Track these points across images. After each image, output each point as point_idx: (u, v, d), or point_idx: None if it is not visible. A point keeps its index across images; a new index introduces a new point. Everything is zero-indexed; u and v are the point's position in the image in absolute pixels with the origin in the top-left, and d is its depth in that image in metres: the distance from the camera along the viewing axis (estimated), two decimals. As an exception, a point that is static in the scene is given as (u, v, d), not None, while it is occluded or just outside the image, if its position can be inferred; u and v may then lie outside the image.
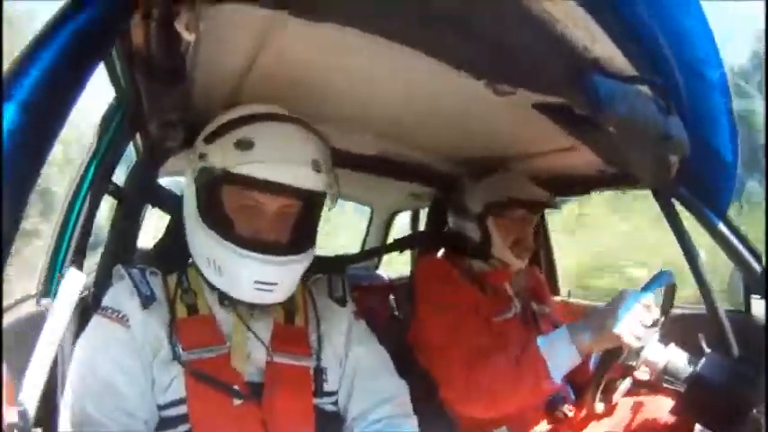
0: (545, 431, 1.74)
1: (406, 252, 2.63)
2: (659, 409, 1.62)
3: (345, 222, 8.56)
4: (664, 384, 1.55)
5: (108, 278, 1.33)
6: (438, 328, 1.68)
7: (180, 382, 1.16)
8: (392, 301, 2.40)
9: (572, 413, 1.76)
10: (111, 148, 1.45)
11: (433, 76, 1.16)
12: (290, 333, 1.31)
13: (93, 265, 1.58)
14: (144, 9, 0.86)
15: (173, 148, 1.57)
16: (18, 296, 1.28)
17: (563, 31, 0.97)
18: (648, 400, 1.68)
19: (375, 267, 3.63)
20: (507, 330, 1.77)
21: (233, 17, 1.00)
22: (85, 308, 1.35)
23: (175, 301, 1.25)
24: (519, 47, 0.97)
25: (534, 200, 1.88)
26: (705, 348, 1.56)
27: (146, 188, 1.62)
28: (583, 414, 1.74)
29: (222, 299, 1.27)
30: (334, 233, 7.87)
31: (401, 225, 3.75)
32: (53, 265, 1.37)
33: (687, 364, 1.53)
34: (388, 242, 3.33)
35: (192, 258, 1.28)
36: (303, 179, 1.18)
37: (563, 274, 2.70)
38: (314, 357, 1.29)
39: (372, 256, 3.46)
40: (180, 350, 1.18)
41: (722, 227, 1.51)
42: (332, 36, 0.99)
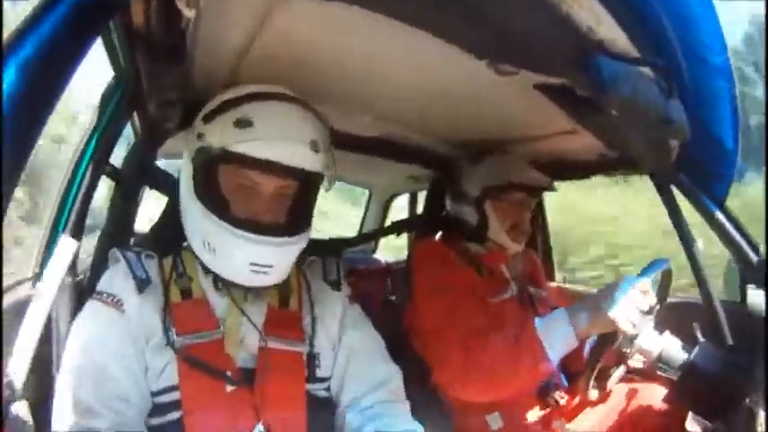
0: (538, 418, 1.74)
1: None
2: (653, 397, 1.63)
3: (326, 208, 8.49)
4: (657, 372, 1.56)
5: (104, 261, 1.33)
6: (434, 311, 1.68)
7: (173, 367, 1.16)
8: (389, 285, 2.40)
9: (564, 400, 1.77)
10: (110, 128, 1.44)
11: (434, 57, 1.16)
12: (283, 317, 1.30)
13: (91, 248, 1.57)
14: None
15: (171, 128, 1.56)
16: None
17: (567, 11, 0.96)
18: (642, 387, 1.69)
19: (372, 251, 3.63)
20: (504, 311, 1.77)
21: None
22: (82, 291, 1.34)
23: (170, 284, 1.25)
24: (523, 27, 0.96)
25: (533, 184, 1.88)
26: (699, 337, 1.57)
27: (144, 170, 1.61)
28: (576, 401, 1.76)
29: (216, 282, 1.26)
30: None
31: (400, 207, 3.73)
32: (49, 248, 1.36)
33: (681, 352, 1.54)
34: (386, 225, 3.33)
35: (188, 240, 1.28)
36: (301, 158, 1.18)
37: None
38: (307, 343, 1.29)
39: (370, 239, 3.46)
40: (173, 335, 1.18)
41: (719, 215, 1.51)
42: (335, 15, 0.99)
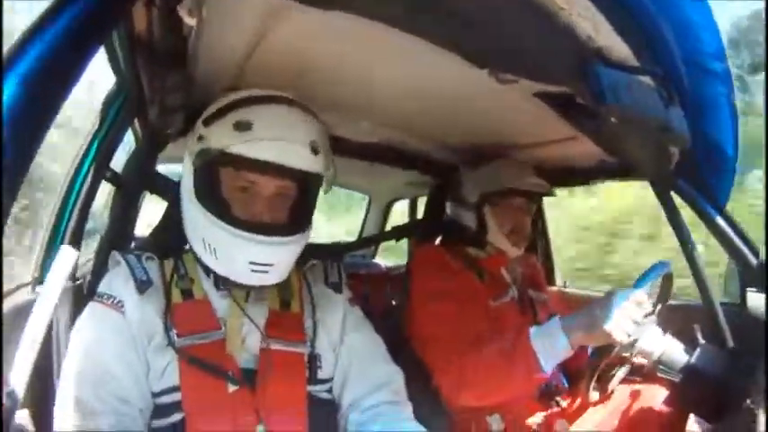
0: (539, 420, 1.75)
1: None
2: (654, 398, 1.63)
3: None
4: (658, 374, 1.57)
5: (105, 265, 1.33)
6: (431, 317, 1.68)
7: (174, 368, 1.16)
8: (388, 289, 2.40)
9: (566, 403, 1.77)
10: (110, 134, 1.44)
11: (435, 65, 1.16)
12: (284, 319, 1.30)
13: (91, 252, 1.57)
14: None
15: (172, 134, 1.56)
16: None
17: (567, 20, 0.97)
18: (644, 388, 1.69)
19: (372, 256, 3.64)
20: (504, 315, 1.78)
21: (235, 2, 1.00)
22: (82, 295, 1.34)
23: (171, 286, 1.25)
24: (523, 36, 0.97)
25: (531, 190, 1.88)
26: (700, 339, 1.57)
27: (144, 175, 1.61)
28: (577, 403, 1.76)
29: (218, 283, 1.27)
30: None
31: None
32: (49, 252, 1.37)
33: (682, 354, 1.54)
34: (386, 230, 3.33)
35: (189, 242, 1.28)
36: (300, 160, 1.18)
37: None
38: (308, 344, 1.29)
39: (370, 244, 3.48)
40: (174, 336, 1.18)
41: (720, 220, 1.51)
42: (335, 23, 0.99)
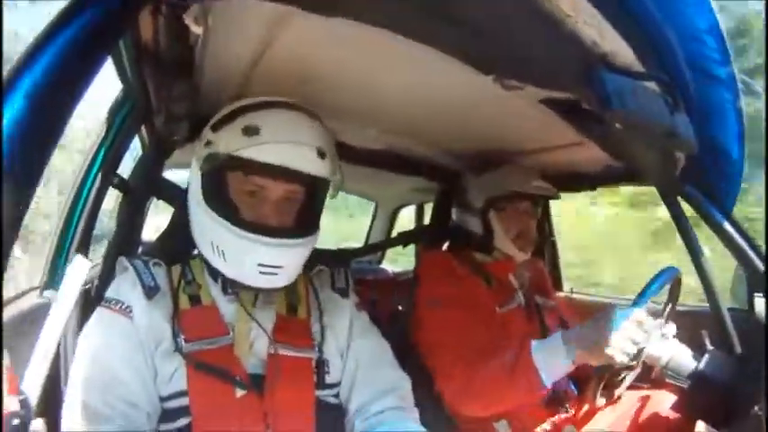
0: (547, 427, 1.74)
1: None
2: (662, 404, 1.62)
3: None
4: (666, 380, 1.56)
5: (112, 270, 1.33)
6: (436, 323, 1.68)
7: (182, 373, 1.16)
8: (395, 295, 2.40)
9: (572, 411, 1.77)
10: (117, 140, 1.45)
11: (440, 72, 1.17)
12: (292, 325, 1.30)
13: (98, 258, 1.58)
14: (153, 2, 0.86)
15: (179, 141, 1.57)
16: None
17: (572, 27, 0.97)
18: (652, 394, 1.68)
19: (379, 261, 3.64)
20: (510, 321, 1.78)
21: (241, 11, 1.00)
22: (89, 300, 1.35)
23: (179, 291, 1.26)
24: (528, 43, 0.97)
25: (536, 193, 1.88)
26: (708, 345, 1.56)
27: (151, 181, 1.62)
28: (585, 409, 1.75)
29: (226, 287, 1.27)
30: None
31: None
32: (57, 258, 1.38)
33: (689, 360, 1.53)
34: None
35: (197, 246, 1.28)
36: (307, 164, 1.19)
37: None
38: (316, 349, 1.29)
39: (376, 249, 3.48)
40: (182, 341, 1.18)
41: (727, 225, 1.51)
42: (340, 30, 0.99)
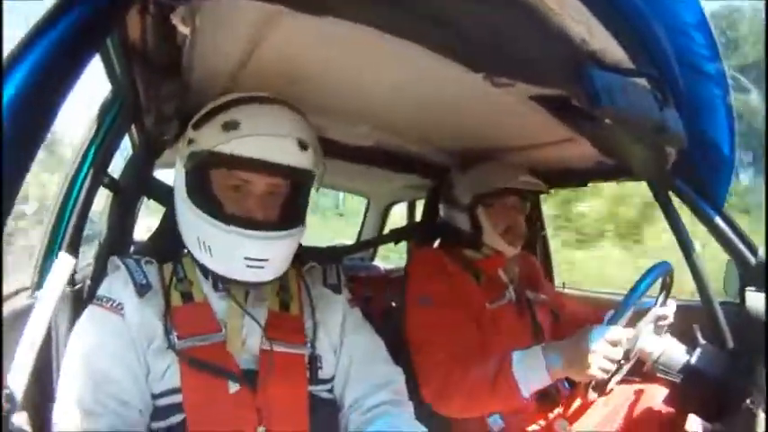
0: (540, 420, 1.75)
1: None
2: (654, 398, 1.63)
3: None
4: (658, 374, 1.57)
5: (104, 270, 1.33)
6: (424, 322, 1.69)
7: (175, 370, 1.16)
8: (388, 291, 2.40)
9: (561, 409, 1.78)
10: (107, 140, 1.44)
11: (429, 69, 1.16)
12: (284, 321, 1.31)
13: (89, 257, 1.57)
14: (140, 2, 0.85)
15: (169, 140, 1.57)
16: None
17: (561, 24, 0.97)
18: (644, 388, 1.69)
19: (371, 258, 3.64)
20: (501, 317, 1.78)
21: (229, 11, 1.00)
22: (81, 300, 1.35)
23: (170, 289, 1.26)
24: (517, 40, 0.97)
25: (523, 188, 1.87)
26: (700, 340, 1.57)
27: (141, 180, 1.62)
28: (577, 404, 1.76)
29: (217, 284, 1.27)
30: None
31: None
32: (48, 258, 1.37)
33: (681, 355, 1.54)
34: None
35: (185, 244, 1.28)
36: (288, 156, 1.19)
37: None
38: (309, 345, 1.29)
39: (368, 246, 3.48)
40: (174, 338, 1.18)
41: (718, 219, 1.51)
42: (328, 29, 0.99)
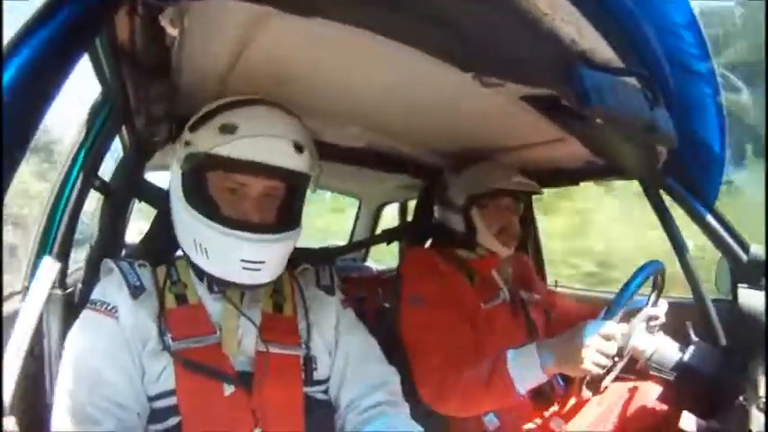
0: (535, 418, 1.75)
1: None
2: (648, 396, 1.64)
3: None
4: (651, 372, 1.57)
5: (96, 273, 1.32)
6: (418, 323, 1.69)
7: (170, 372, 1.16)
8: (380, 292, 2.40)
9: (556, 407, 1.78)
10: (98, 142, 1.44)
11: (419, 70, 1.16)
12: (279, 322, 1.31)
13: (81, 261, 1.57)
14: (129, 3, 0.85)
15: (159, 142, 1.56)
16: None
17: (550, 24, 0.97)
18: (638, 386, 1.70)
19: (363, 259, 3.64)
20: (495, 317, 1.79)
21: (218, 12, 0.99)
22: (72, 304, 1.34)
23: (164, 291, 1.26)
24: (506, 40, 0.97)
25: (516, 189, 1.88)
26: (692, 337, 1.58)
27: (133, 183, 1.61)
28: (572, 402, 1.76)
29: (212, 286, 1.27)
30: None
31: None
32: (38, 262, 1.36)
33: (674, 352, 1.55)
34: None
35: (180, 246, 1.28)
36: (284, 159, 1.19)
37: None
38: (303, 346, 1.30)
39: (360, 247, 3.48)
40: (169, 340, 1.18)
41: (710, 218, 1.52)
42: (317, 30, 0.99)
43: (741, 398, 1.33)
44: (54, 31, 0.64)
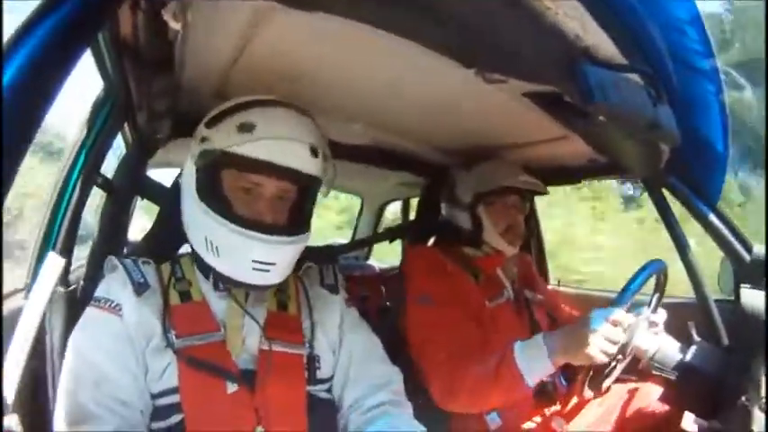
0: (537, 419, 1.75)
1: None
2: (650, 396, 1.63)
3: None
4: (653, 372, 1.57)
5: (98, 270, 1.32)
6: (424, 322, 1.69)
7: (173, 369, 1.16)
8: (383, 291, 2.40)
9: (558, 407, 1.78)
10: (100, 139, 1.44)
11: (422, 66, 1.16)
12: (283, 321, 1.31)
13: (83, 258, 1.57)
14: (132, -3, 0.85)
15: (162, 139, 1.56)
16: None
17: (554, 19, 0.96)
18: (639, 386, 1.69)
19: (366, 257, 3.64)
20: (499, 315, 1.79)
21: (220, 7, 1.00)
22: (75, 302, 1.34)
23: (168, 288, 1.26)
24: (509, 35, 0.97)
25: (524, 188, 1.88)
26: (695, 337, 1.57)
27: (135, 180, 1.61)
28: (574, 401, 1.76)
29: (217, 284, 1.27)
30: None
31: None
32: (41, 259, 1.36)
33: (676, 352, 1.54)
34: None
35: (189, 242, 1.28)
36: (300, 161, 1.19)
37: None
38: (307, 345, 1.29)
39: (363, 245, 3.48)
40: (173, 337, 1.18)
41: (712, 216, 1.52)
42: (321, 26, 0.99)
43: (743, 398, 1.32)
44: (56, 27, 0.64)
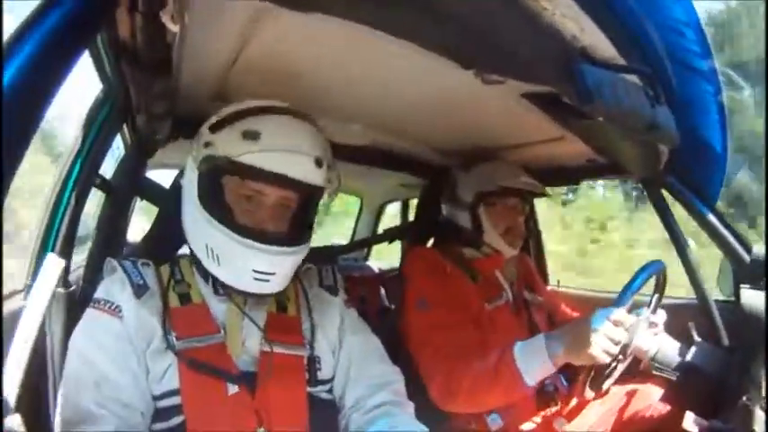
0: (538, 420, 1.75)
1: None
2: (651, 397, 1.63)
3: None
4: (654, 372, 1.57)
5: (98, 272, 1.32)
6: (424, 324, 1.69)
7: (174, 371, 1.16)
8: (383, 292, 2.40)
9: (558, 407, 1.78)
10: (99, 140, 1.44)
11: (420, 66, 1.16)
12: (283, 323, 1.31)
13: (81, 260, 1.57)
14: (129, -1, 0.85)
15: (161, 140, 1.56)
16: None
17: (551, 20, 0.97)
18: (640, 387, 1.69)
19: (365, 258, 3.64)
20: (498, 317, 1.79)
21: (219, 9, 1.00)
22: (74, 302, 1.34)
23: (168, 290, 1.25)
24: (507, 36, 0.97)
25: (524, 189, 1.88)
26: (695, 337, 1.57)
27: (134, 181, 1.61)
28: (574, 402, 1.76)
29: (217, 288, 1.27)
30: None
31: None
32: (40, 260, 1.36)
33: (677, 353, 1.54)
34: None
35: (189, 246, 1.27)
36: (305, 172, 1.18)
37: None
38: (307, 347, 1.29)
39: (362, 246, 3.48)
40: (173, 339, 1.18)
41: (711, 217, 1.52)
42: (319, 27, 0.99)
43: (744, 398, 1.32)
44: (54, 28, 0.64)
